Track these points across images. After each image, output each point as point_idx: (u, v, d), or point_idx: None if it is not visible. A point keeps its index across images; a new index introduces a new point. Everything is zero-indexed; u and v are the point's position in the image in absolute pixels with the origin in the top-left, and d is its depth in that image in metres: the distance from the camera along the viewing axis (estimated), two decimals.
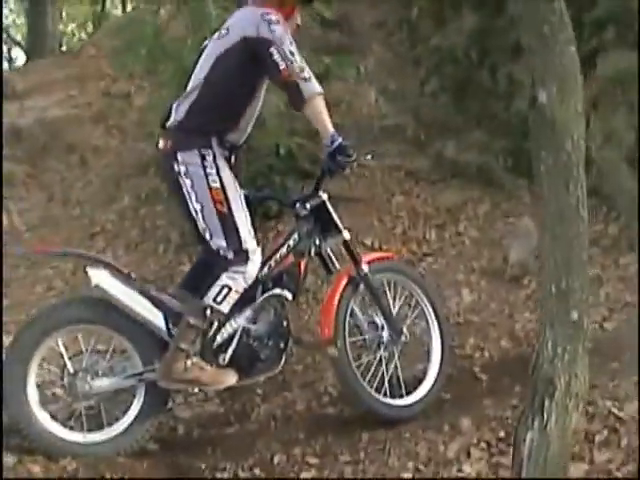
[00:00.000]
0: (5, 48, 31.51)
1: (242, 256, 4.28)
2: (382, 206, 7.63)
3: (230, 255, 4.28)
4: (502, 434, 4.07)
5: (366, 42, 9.73)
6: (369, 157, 5.08)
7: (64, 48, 25.94)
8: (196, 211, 4.32)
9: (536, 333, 3.94)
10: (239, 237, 4.28)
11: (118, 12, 28.51)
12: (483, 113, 8.11)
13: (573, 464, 3.65)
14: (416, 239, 7.17)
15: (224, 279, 4.25)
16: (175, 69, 6.78)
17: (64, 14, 28.40)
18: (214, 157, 4.28)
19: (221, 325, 4.38)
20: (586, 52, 7.12)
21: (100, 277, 4.28)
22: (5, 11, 29.93)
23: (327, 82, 8.36)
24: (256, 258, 4.33)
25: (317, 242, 4.66)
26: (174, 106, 4.48)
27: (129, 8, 26.62)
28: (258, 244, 4.41)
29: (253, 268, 4.31)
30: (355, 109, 8.96)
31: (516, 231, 6.69)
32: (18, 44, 29.90)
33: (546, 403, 3.28)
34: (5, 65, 31.80)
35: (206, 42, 4.64)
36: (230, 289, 4.24)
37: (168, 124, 4.46)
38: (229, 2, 6.60)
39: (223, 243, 4.28)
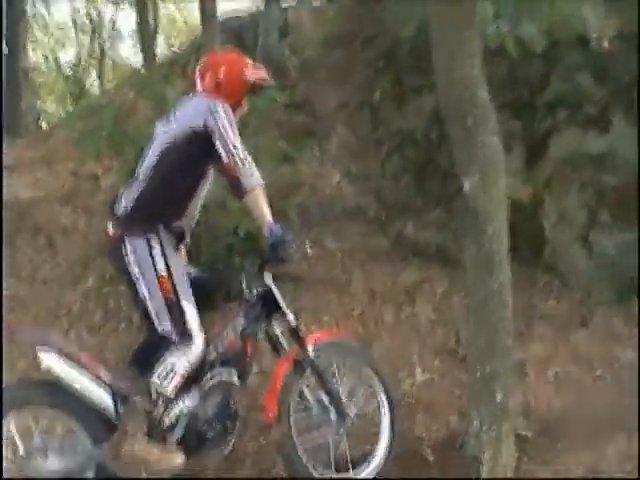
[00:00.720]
0: None
1: (186, 338, 4.37)
2: (341, 286, 7.66)
3: (175, 337, 4.38)
4: None
5: (329, 124, 9.86)
6: (309, 249, 5.18)
7: (43, 125, 26.15)
8: (144, 296, 4.42)
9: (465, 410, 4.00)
10: (184, 321, 4.38)
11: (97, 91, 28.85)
12: (442, 193, 8.24)
13: None
14: (374, 318, 7.20)
15: (168, 359, 4.33)
16: (139, 157, 6.92)
17: (43, 92, 28.62)
18: (161, 244, 4.40)
19: (168, 406, 4.42)
20: (539, 133, 7.36)
21: (50, 360, 4.33)
22: None
23: (290, 163, 8.57)
24: (199, 341, 4.41)
25: (263, 325, 4.74)
26: (122, 193, 4.59)
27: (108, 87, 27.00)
28: (200, 329, 4.48)
29: (196, 350, 4.39)
30: (318, 190, 9.02)
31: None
32: None
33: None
34: None
35: (155, 128, 4.75)
36: (175, 371, 4.32)
37: (117, 211, 4.56)
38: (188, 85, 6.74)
39: (168, 326, 4.39)
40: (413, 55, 8.84)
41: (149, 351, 4.58)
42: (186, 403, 4.49)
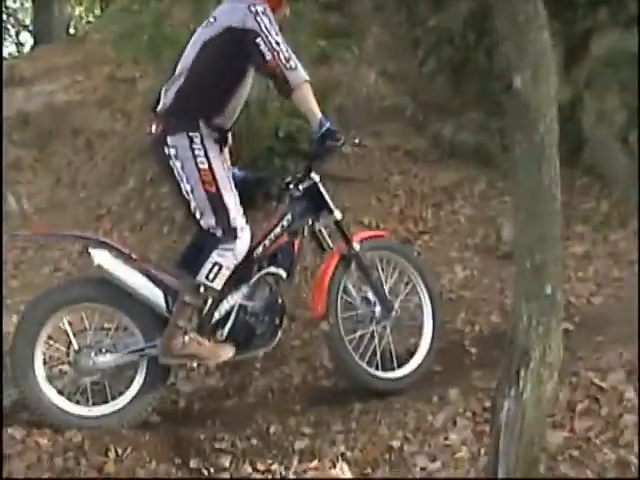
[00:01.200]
0: (13, 32, 31.60)
1: (231, 234, 4.44)
2: (380, 186, 7.75)
3: (219, 233, 4.46)
4: (488, 404, 4.16)
5: (365, 24, 9.81)
6: (357, 140, 5.16)
7: (72, 31, 26.05)
8: (187, 192, 4.48)
9: (506, 307, 4.06)
10: (227, 216, 4.44)
11: None
12: (480, 94, 8.21)
13: (553, 432, 3.81)
14: (413, 218, 7.29)
15: (214, 257, 4.41)
16: (176, 55, 6.93)
17: None
18: (202, 139, 4.44)
19: (218, 302, 4.54)
20: (580, 33, 7.26)
21: (102, 258, 4.44)
22: None
23: (327, 64, 8.55)
24: (244, 236, 4.49)
25: (310, 222, 4.81)
26: (163, 91, 4.64)
27: None
28: (247, 222, 4.56)
29: (242, 245, 4.47)
30: (355, 90, 9.05)
31: (510, 209, 6.81)
32: (26, 28, 29.97)
33: (521, 373, 3.41)
34: (13, 49, 31.94)
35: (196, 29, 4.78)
36: (221, 266, 4.40)
37: (158, 109, 4.62)
38: None
39: (212, 222, 4.46)
40: None
41: (196, 251, 4.67)
42: (235, 299, 4.61)
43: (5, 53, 31.26)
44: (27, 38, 30.16)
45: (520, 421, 3.39)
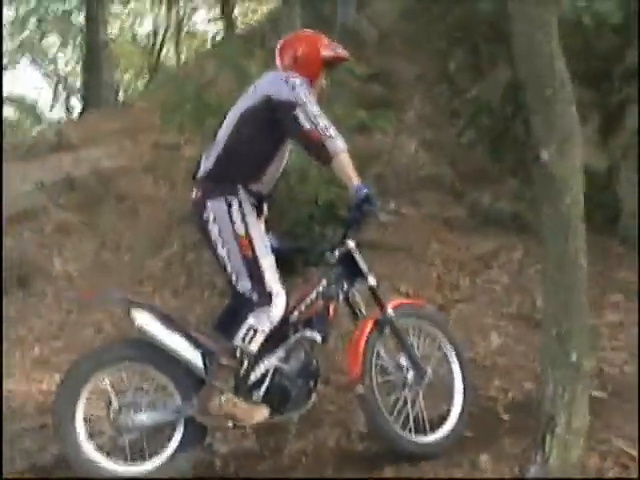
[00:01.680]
0: (63, 96, 32.23)
1: (266, 298, 4.54)
2: (418, 253, 7.84)
3: (255, 297, 4.56)
4: (517, 470, 4.25)
5: (406, 95, 9.99)
6: (394, 207, 5.26)
7: (121, 96, 26.53)
8: (224, 256, 4.62)
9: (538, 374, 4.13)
10: (263, 281, 4.55)
11: (173, 60, 29.17)
12: (517, 163, 8.33)
13: None
14: (449, 285, 7.37)
15: (250, 321, 4.52)
16: (220, 123, 7.10)
17: (120, 63, 29.01)
18: (240, 204, 4.58)
19: (254, 364, 4.62)
20: (615, 104, 7.39)
21: (143, 319, 4.56)
22: (64, 59, 30.75)
23: (367, 134, 8.72)
24: (279, 301, 4.58)
25: (345, 288, 4.90)
26: (203, 157, 4.80)
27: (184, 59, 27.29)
28: (283, 287, 4.65)
29: (277, 310, 4.57)
30: (394, 159, 9.19)
31: None
32: (76, 92, 30.55)
33: (547, 438, 3.50)
34: (63, 114, 32.55)
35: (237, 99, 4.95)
36: (256, 330, 4.50)
37: (198, 175, 4.78)
38: (269, 63, 6.92)
39: (249, 286, 4.57)
40: (489, 26, 8.89)
41: (232, 314, 4.78)
42: (271, 361, 4.69)
43: (55, 116, 31.96)
44: (76, 102, 30.80)
45: None
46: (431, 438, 4.91)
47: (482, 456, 4.57)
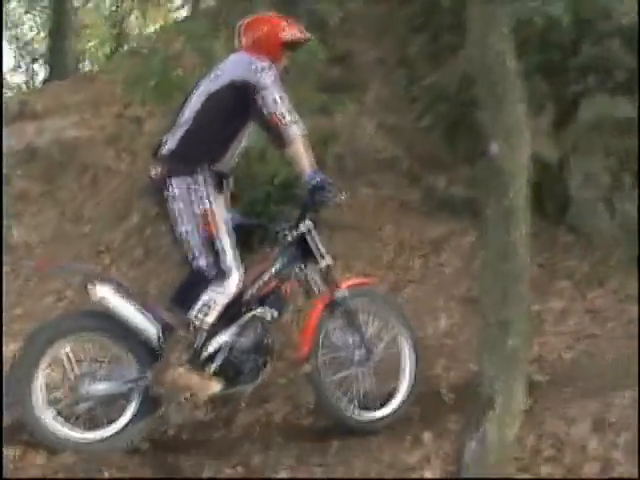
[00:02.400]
0: (26, 61, 31.96)
1: (223, 274, 4.71)
2: (372, 234, 7.98)
3: (212, 273, 4.72)
4: (458, 446, 4.43)
5: (367, 78, 10.08)
6: (344, 197, 5.40)
7: (86, 64, 26.36)
8: (185, 232, 4.76)
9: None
10: (220, 257, 4.71)
11: (137, 31, 28.97)
12: (472, 150, 8.46)
13: (519, 475, 4.04)
14: (402, 267, 7.53)
15: (207, 295, 4.68)
16: (183, 102, 7.17)
17: (84, 32, 28.76)
18: (203, 183, 4.72)
19: (209, 338, 4.79)
20: (569, 97, 7.55)
21: (102, 291, 4.71)
22: (26, 25, 30.47)
23: (328, 115, 8.81)
24: (235, 276, 4.75)
25: (300, 267, 5.07)
26: (165, 137, 4.92)
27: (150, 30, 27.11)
28: (241, 263, 4.82)
29: (232, 285, 4.73)
30: (354, 140, 9.27)
31: None
32: (40, 58, 30.31)
33: (485, 418, 3.67)
34: (25, 79, 32.28)
35: (199, 81, 5.07)
36: (212, 305, 4.67)
37: (160, 153, 4.90)
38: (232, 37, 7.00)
39: (206, 262, 4.73)
40: (450, 14, 8.99)
41: (189, 289, 4.90)
42: (225, 336, 4.85)
43: (19, 80, 31.67)
44: (38, 68, 30.55)
45: (483, 462, 3.65)
46: (377, 414, 5.10)
47: (426, 432, 4.76)
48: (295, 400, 5.55)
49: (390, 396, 5.24)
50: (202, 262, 4.74)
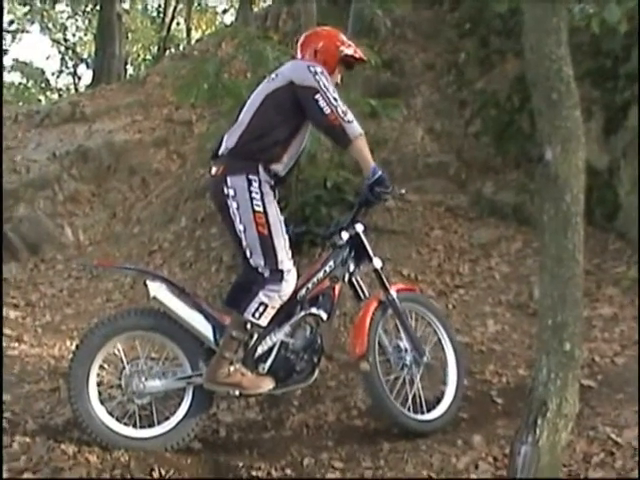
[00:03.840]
0: (71, 64, 32.34)
1: (277, 275, 4.73)
2: (421, 239, 8.03)
3: (267, 273, 4.75)
4: (508, 450, 4.44)
5: (415, 83, 10.12)
6: (404, 191, 5.41)
7: (129, 67, 26.61)
8: (240, 231, 4.78)
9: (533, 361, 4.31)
10: (276, 258, 4.73)
11: (182, 34, 29.20)
12: (521, 156, 8.48)
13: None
14: (450, 272, 7.56)
15: (261, 296, 4.70)
16: (234, 103, 7.24)
17: (129, 36, 29.05)
18: (260, 183, 4.75)
19: (262, 338, 4.84)
20: (619, 103, 7.53)
21: (157, 290, 4.75)
22: (73, 28, 30.83)
23: (376, 120, 8.86)
24: (290, 278, 4.77)
25: (351, 269, 5.11)
26: (225, 137, 4.98)
27: (193, 34, 27.29)
28: (294, 265, 4.84)
29: (287, 286, 4.76)
30: (402, 146, 9.33)
31: None
32: (84, 61, 30.65)
33: (539, 421, 3.68)
34: (70, 79, 32.68)
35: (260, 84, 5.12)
36: (267, 306, 4.69)
37: (220, 152, 4.95)
38: (285, 47, 7.06)
39: (261, 262, 4.75)
40: (499, 19, 9.00)
41: (242, 290, 4.95)
42: (278, 336, 4.89)
43: (61, 84, 32.07)
44: (84, 71, 30.93)
45: (535, 465, 3.66)
46: (428, 417, 5.10)
47: (475, 436, 4.77)
48: (345, 402, 5.59)
49: (438, 400, 5.25)
50: (257, 261, 4.78)
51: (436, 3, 11.24)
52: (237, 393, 4.82)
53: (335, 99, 4.69)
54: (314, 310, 4.96)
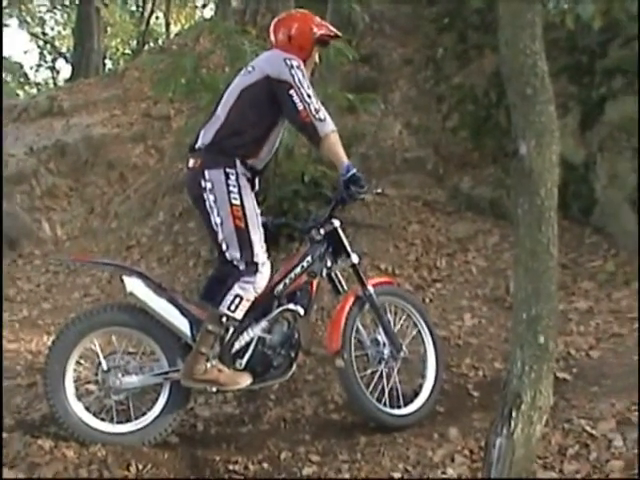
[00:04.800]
0: (49, 58, 32.25)
1: (253, 267, 4.76)
2: (398, 233, 8.05)
3: (242, 266, 4.78)
4: (483, 443, 4.46)
5: (393, 78, 10.14)
6: (380, 190, 5.42)
7: (107, 62, 26.52)
8: (216, 224, 4.80)
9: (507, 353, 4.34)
10: (252, 250, 4.76)
11: (161, 28, 29.13)
12: (498, 150, 8.52)
13: (543, 472, 4.06)
14: (427, 266, 7.59)
15: (236, 289, 4.72)
16: (211, 97, 7.22)
17: (108, 30, 28.97)
18: (237, 176, 4.77)
19: (239, 333, 4.86)
20: (596, 98, 7.57)
21: (134, 285, 4.76)
22: (51, 22, 30.73)
23: (354, 114, 8.88)
24: (265, 270, 4.81)
25: (328, 264, 5.12)
26: (201, 131, 4.98)
27: (172, 28, 27.22)
28: (268, 258, 4.86)
29: (262, 279, 4.79)
30: (380, 140, 9.35)
31: None
32: (63, 56, 30.57)
33: (513, 414, 3.70)
34: (49, 74, 32.58)
35: (236, 76, 5.13)
36: (242, 298, 4.71)
37: (197, 146, 4.95)
38: (262, 42, 7.07)
39: (237, 255, 4.77)
40: (477, 14, 9.03)
41: (218, 283, 4.98)
42: (255, 331, 4.91)
43: (40, 78, 31.97)
44: (63, 65, 30.82)
45: (510, 457, 3.68)
46: (404, 411, 5.12)
47: (452, 429, 4.80)
48: (322, 396, 5.61)
49: (416, 393, 5.27)
50: (233, 254, 4.79)
51: None
52: (214, 389, 4.83)
53: (309, 95, 4.70)
54: (291, 306, 4.97)
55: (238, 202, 4.75)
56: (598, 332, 6.11)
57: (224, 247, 4.83)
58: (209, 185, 4.78)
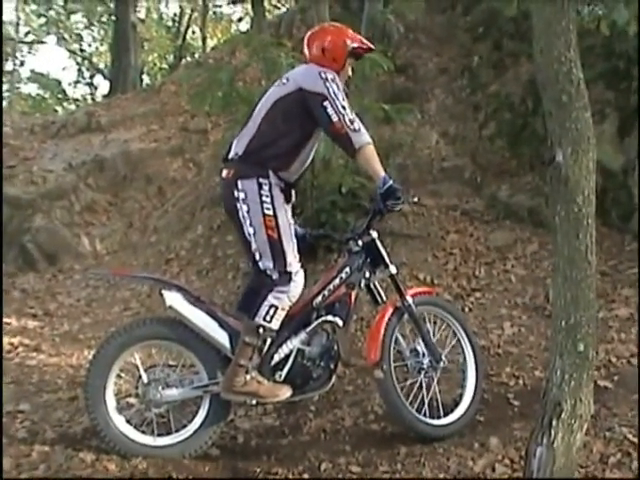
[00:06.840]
0: (87, 74, 32.54)
1: (286, 277, 4.76)
2: (436, 243, 8.04)
3: (275, 275, 4.78)
4: (524, 452, 4.43)
5: (429, 87, 10.14)
6: (416, 199, 5.41)
7: (145, 77, 26.71)
8: (249, 234, 4.80)
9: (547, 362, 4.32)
10: (285, 260, 4.76)
11: (198, 42, 29.29)
12: (535, 158, 8.48)
13: None
14: (466, 275, 7.57)
15: (270, 299, 4.73)
16: (248, 110, 7.25)
17: (145, 45, 29.17)
18: (270, 186, 4.77)
19: (278, 345, 4.86)
20: (634, 104, 7.52)
21: (173, 299, 4.78)
22: (89, 39, 31.01)
23: (390, 125, 8.89)
24: (299, 279, 4.81)
25: (367, 275, 5.12)
26: (234, 142, 5.00)
27: (209, 42, 27.38)
28: (302, 267, 4.87)
29: (296, 287, 4.79)
30: (417, 150, 9.34)
31: None
32: (100, 72, 30.84)
33: (553, 422, 3.70)
34: (87, 90, 32.87)
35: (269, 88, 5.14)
36: (277, 308, 4.71)
37: (230, 156, 4.97)
38: (298, 54, 7.08)
39: (270, 265, 4.78)
40: (512, 22, 9.00)
41: (253, 294, 4.97)
42: (294, 343, 4.92)
43: (78, 94, 32.25)
44: (100, 81, 31.07)
45: (551, 466, 3.67)
46: (444, 421, 5.11)
47: (492, 439, 4.78)
48: (362, 407, 5.61)
49: (456, 403, 5.27)
50: (266, 264, 4.80)
51: (449, 7, 11.29)
52: (254, 402, 4.85)
53: (343, 107, 4.69)
54: (330, 317, 4.97)
55: (271, 212, 4.76)
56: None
57: (257, 257, 4.84)
58: (242, 195, 4.79)
